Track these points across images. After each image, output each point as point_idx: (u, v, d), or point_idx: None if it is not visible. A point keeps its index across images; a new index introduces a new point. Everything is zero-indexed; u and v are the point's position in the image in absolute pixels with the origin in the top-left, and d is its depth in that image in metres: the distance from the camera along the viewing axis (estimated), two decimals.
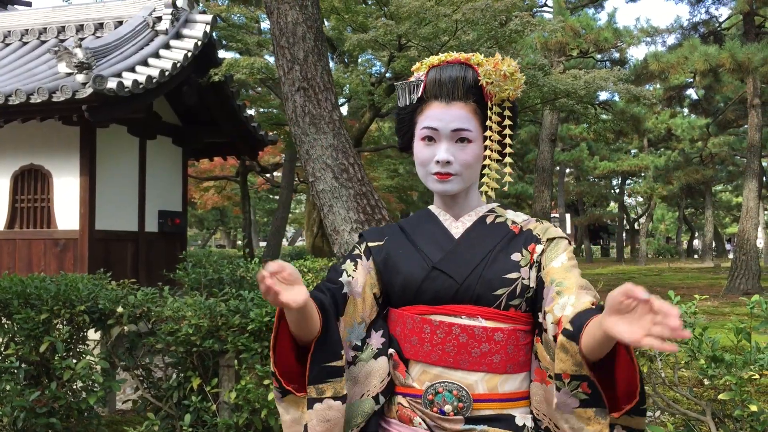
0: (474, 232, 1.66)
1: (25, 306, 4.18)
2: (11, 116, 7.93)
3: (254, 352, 3.81)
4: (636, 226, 43.99)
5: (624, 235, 43.11)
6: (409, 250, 1.66)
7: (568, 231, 38.26)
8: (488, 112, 1.62)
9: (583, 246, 41.24)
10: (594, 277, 20.64)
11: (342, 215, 4.57)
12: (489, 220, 1.68)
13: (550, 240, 1.62)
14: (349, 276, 1.64)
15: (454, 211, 1.70)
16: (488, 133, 1.63)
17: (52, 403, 3.96)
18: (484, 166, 1.66)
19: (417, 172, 1.70)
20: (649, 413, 4.79)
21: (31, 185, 8.71)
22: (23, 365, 4.14)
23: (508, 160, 1.65)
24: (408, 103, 1.66)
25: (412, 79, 1.67)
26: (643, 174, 33.11)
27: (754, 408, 3.38)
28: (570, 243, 1.65)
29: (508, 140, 1.64)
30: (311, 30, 4.81)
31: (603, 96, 17.68)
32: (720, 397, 3.41)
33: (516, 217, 1.69)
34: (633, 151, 34.86)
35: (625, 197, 41.16)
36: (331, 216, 4.62)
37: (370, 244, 1.72)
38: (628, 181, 39.13)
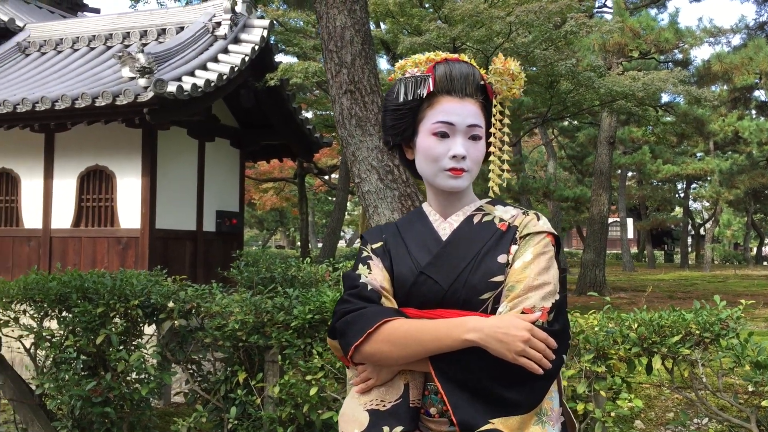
0: (461, 233, 1.65)
1: (83, 299, 4.39)
2: (78, 119, 8.30)
3: (297, 348, 3.92)
4: (702, 232, 42.73)
5: (689, 240, 41.95)
6: (401, 252, 1.67)
7: (630, 236, 37.46)
8: (493, 109, 1.65)
9: (645, 251, 40.29)
10: (654, 282, 20.22)
11: (386, 216, 4.64)
12: (476, 219, 1.67)
13: (524, 237, 1.61)
14: (366, 277, 1.65)
15: (446, 211, 1.69)
16: (493, 130, 1.65)
17: (107, 393, 4.14)
18: (489, 162, 1.69)
19: (422, 168, 1.68)
20: (696, 420, 4.70)
21: (96, 185, 9.07)
22: (81, 356, 4.34)
23: (506, 157, 1.67)
24: (413, 98, 1.63)
25: (408, 74, 1.65)
26: (708, 178, 32.15)
27: None
28: (550, 236, 1.62)
29: (506, 138, 1.66)
30: (359, 34, 4.90)
31: (666, 98, 17.28)
32: (764, 404, 3.34)
33: (504, 214, 1.67)
34: (699, 155, 33.89)
35: (690, 202, 40.05)
36: (376, 217, 4.69)
37: (372, 246, 1.72)
38: (693, 185, 38.06)
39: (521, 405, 1.47)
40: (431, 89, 1.62)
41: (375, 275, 1.65)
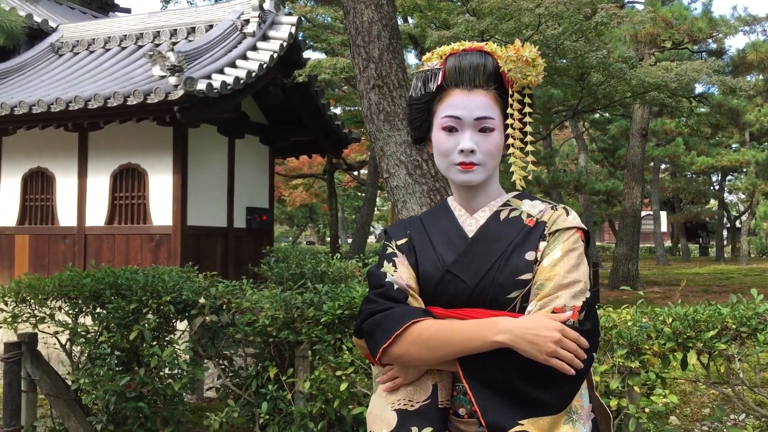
0: (487, 230, 1.61)
1: (116, 296, 4.45)
2: (110, 118, 8.39)
3: (327, 344, 3.92)
4: (737, 224, 41.95)
5: (725, 233, 41.18)
6: (427, 248, 1.64)
7: (664, 229, 36.93)
8: (509, 99, 1.60)
9: (679, 245, 39.66)
10: (689, 276, 19.90)
11: (415, 211, 4.62)
12: (503, 215, 1.63)
13: (553, 233, 1.57)
14: (392, 275, 1.62)
15: (471, 205, 1.66)
16: (510, 121, 1.60)
17: (141, 388, 4.20)
18: (508, 155, 1.64)
19: (437, 162, 1.66)
20: (732, 416, 4.62)
21: (129, 183, 9.18)
22: (115, 352, 4.40)
23: (530, 148, 1.62)
24: (425, 92, 1.61)
25: (426, 67, 1.62)
26: (744, 169, 31.52)
27: None
28: (579, 232, 1.57)
29: (528, 128, 1.60)
30: (386, 28, 4.88)
31: (700, 89, 16.94)
32: None
33: (532, 209, 1.63)
34: (734, 146, 33.23)
35: (726, 194, 39.31)
36: (404, 212, 4.68)
37: (397, 242, 1.69)
38: (728, 177, 37.34)
39: (552, 406, 1.45)
40: (440, 83, 1.59)
41: (401, 273, 1.62)
